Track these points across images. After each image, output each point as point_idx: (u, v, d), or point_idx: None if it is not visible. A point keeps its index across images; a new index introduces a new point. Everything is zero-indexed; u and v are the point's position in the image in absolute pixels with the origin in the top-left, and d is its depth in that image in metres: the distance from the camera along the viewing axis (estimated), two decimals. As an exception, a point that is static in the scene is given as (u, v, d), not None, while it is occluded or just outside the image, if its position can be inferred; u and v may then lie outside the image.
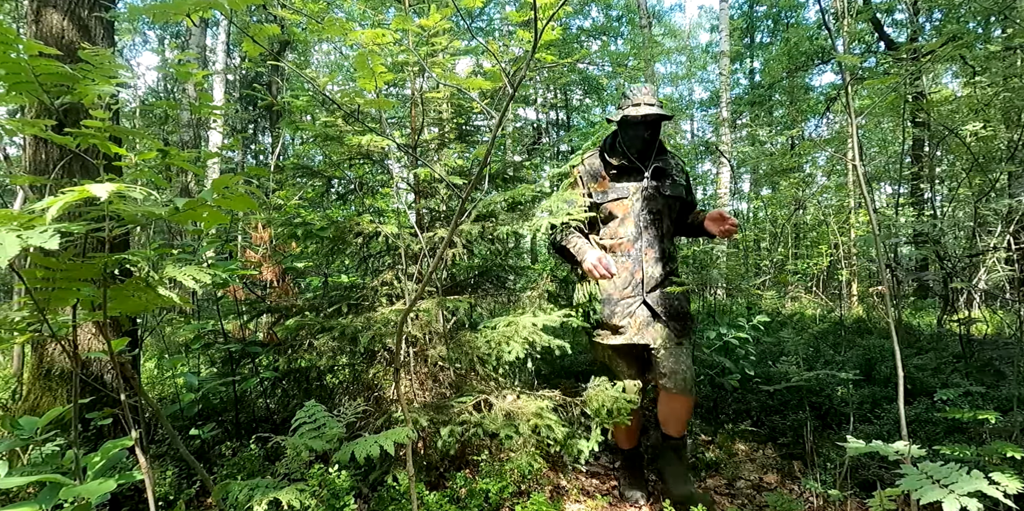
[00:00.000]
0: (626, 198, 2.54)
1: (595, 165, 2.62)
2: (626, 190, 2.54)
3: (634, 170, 2.57)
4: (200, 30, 9.29)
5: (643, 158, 2.58)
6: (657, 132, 2.55)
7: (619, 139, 2.59)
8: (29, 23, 2.88)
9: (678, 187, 2.62)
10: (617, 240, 2.54)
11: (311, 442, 1.96)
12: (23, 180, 1.89)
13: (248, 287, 3.63)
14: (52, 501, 1.52)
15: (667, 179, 2.60)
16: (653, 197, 2.55)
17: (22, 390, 3.22)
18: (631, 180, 2.57)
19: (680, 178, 2.67)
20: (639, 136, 2.53)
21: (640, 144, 2.54)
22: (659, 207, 2.56)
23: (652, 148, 2.58)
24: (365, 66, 1.97)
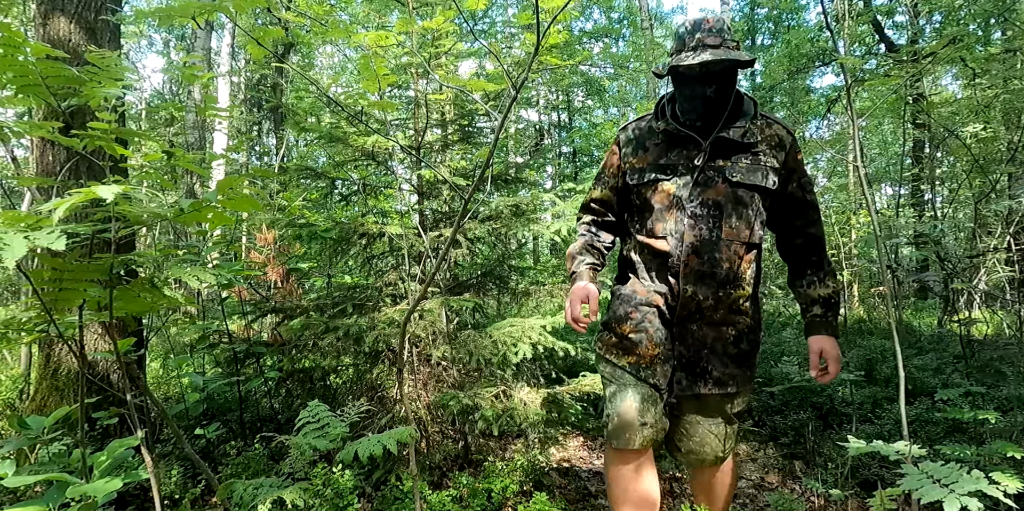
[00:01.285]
0: (667, 180, 1.73)
1: (643, 130, 1.83)
2: (671, 170, 1.73)
3: (688, 141, 1.73)
4: (205, 33, 9.33)
5: (708, 125, 1.71)
6: (728, 86, 1.66)
7: (677, 96, 1.76)
8: (36, 26, 2.91)
9: (758, 171, 1.69)
10: (654, 240, 1.75)
11: (315, 441, 1.97)
12: (30, 181, 1.91)
13: (253, 288, 3.66)
14: (59, 500, 1.54)
15: (741, 157, 1.69)
16: (709, 182, 1.69)
17: (29, 390, 3.25)
18: (681, 156, 1.73)
19: (770, 157, 1.71)
20: (698, 95, 1.66)
21: (700, 106, 1.67)
22: (718, 198, 1.68)
23: (720, 110, 1.69)
24: (368, 69, 1.98)
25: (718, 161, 1.69)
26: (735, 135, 1.67)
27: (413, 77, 3.11)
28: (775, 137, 1.71)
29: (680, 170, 1.71)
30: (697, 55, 1.55)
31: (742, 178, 1.67)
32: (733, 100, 1.70)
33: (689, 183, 1.69)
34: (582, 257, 1.89)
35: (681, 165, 1.71)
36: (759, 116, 1.73)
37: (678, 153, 1.72)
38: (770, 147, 1.69)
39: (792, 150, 1.73)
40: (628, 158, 1.82)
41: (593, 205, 1.96)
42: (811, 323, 1.76)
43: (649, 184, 1.75)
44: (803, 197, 1.77)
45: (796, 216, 1.79)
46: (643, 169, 1.77)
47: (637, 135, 1.82)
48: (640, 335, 1.73)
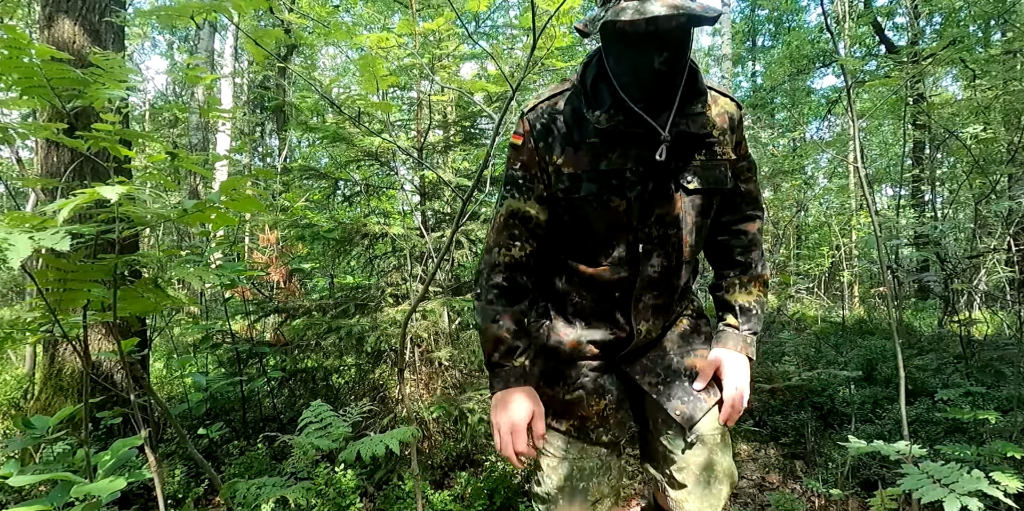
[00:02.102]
0: (613, 195, 1.21)
1: (566, 116, 1.24)
2: (617, 179, 1.21)
3: (633, 135, 1.19)
4: (208, 34, 9.37)
5: (655, 107, 1.18)
6: (683, 54, 1.15)
7: (607, 70, 1.19)
8: (41, 28, 2.93)
9: (716, 168, 1.26)
10: (594, 269, 1.29)
11: (318, 441, 1.98)
12: (35, 182, 1.93)
13: (256, 288, 3.67)
14: (63, 499, 1.55)
15: (699, 153, 1.25)
16: (665, 193, 1.22)
17: (34, 390, 3.27)
18: (628, 158, 1.20)
19: (725, 146, 1.28)
20: (644, 65, 1.13)
21: (648, 80, 1.14)
22: (676, 213, 1.24)
23: (672, 87, 1.17)
24: (368, 70, 1.99)
25: (673, 163, 1.21)
26: (695, 127, 1.17)
27: (415, 78, 3.12)
28: (725, 115, 1.26)
29: (629, 179, 1.19)
30: (643, 5, 1.00)
31: (701, 183, 1.23)
32: (687, 72, 1.17)
33: (642, 196, 1.20)
34: (513, 341, 1.27)
35: (630, 172, 1.19)
36: (708, 91, 1.24)
37: (622, 154, 1.19)
38: (721, 132, 1.26)
39: (740, 128, 1.30)
40: (549, 156, 1.23)
41: (512, 234, 1.29)
42: (718, 334, 1.36)
43: (588, 200, 1.21)
44: (738, 187, 1.34)
45: (727, 210, 1.37)
46: (576, 176, 1.21)
47: (556, 123, 1.23)
48: (578, 393, 1.32)
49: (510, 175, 1.30)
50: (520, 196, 1.28)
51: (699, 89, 1.20)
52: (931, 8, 6.81)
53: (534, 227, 1.29)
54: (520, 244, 1.30)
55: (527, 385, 1.27)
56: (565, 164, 1.23)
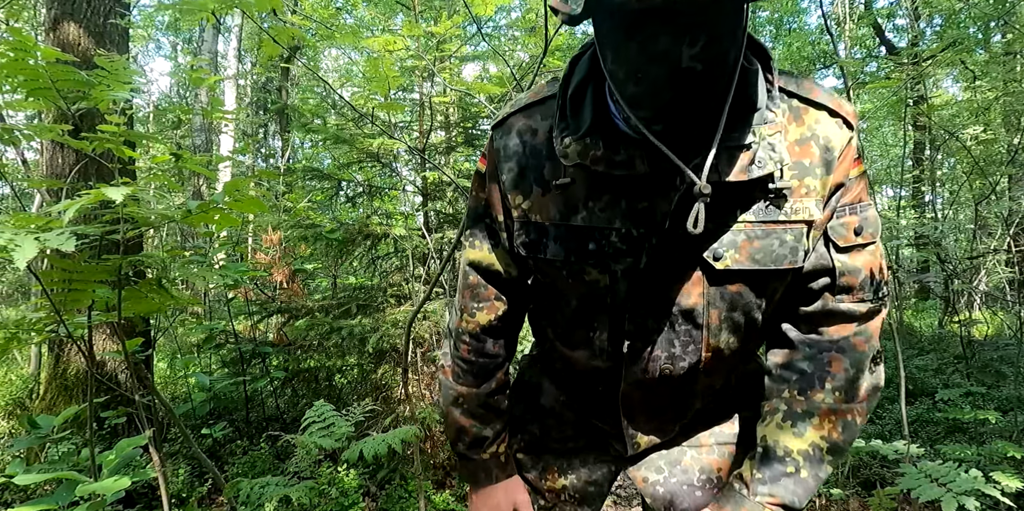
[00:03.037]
0: (584, 264, 0.82)
1: (536, 138, 0.84)
2: (598, 241, 0.80)
3: (636, 183, 0.76)
4: (212, 36, 9.40)
5: (680, 135, 0.68)
6: (727, 42, 0.63)
7: (606, 70, 0.69)
8: (46, 31, 2.95)
9: (775, 239, 0.76)
10: (570, 350, 0.94)
11: (321, 440, 1.99)
12: (40, 183, 1.94)
13: (259, 288, 3.69)
14: (68, 498, 1.56)
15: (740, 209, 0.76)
16: (676, 270, 0.80)
17: (39, 390, 3.28)
18: (616, 210, 0.79)
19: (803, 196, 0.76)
20: (663, 61, 0.62)
21: (669, 89, 0.64)
22: (692, 303, 0.81)
23: (707, 98, 0.67)
24: (378, 71, 2.01)
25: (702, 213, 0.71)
26: (735, 168, 0.71)
27: (418, 80, 3.14)
28: (811, 143, 0.76)
29: (615, 245, 0.79)
30: None
31: (741, 262, 0.77)
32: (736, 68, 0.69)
33: (633, 272, 0.80)
34: (481, 430, 1.00)
35: (617, 234, 0.79)
36: (779, 95, 0.75)
37: (609, 205, 0.79)
38: (800, 172, 0.76)
39: (845, 162, 0.78)
40: (513, 196, 0.86)
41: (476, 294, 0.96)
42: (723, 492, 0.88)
43: (555, 266, 0.84)
44: (829, 262, 0.80)
45: (797, 298, 0.84)
46: (542, 229, 0.84)
47: (527, 147, 0.85)
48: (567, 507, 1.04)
49: (472, 212, 0.96)
50: (483, 244, 0.94)
51: (751, 96, 0.72)
52: (931, 10, 6.82)
53: (505, 283, 0.95)
54: (487, 306, 0.96)
55: (505, 478, 1.02)
56: (532, 209, 0.84)
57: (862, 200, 0.80)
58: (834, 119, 0.77)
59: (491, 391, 0.99)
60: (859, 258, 0.80)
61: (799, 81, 0.79)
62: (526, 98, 0.88)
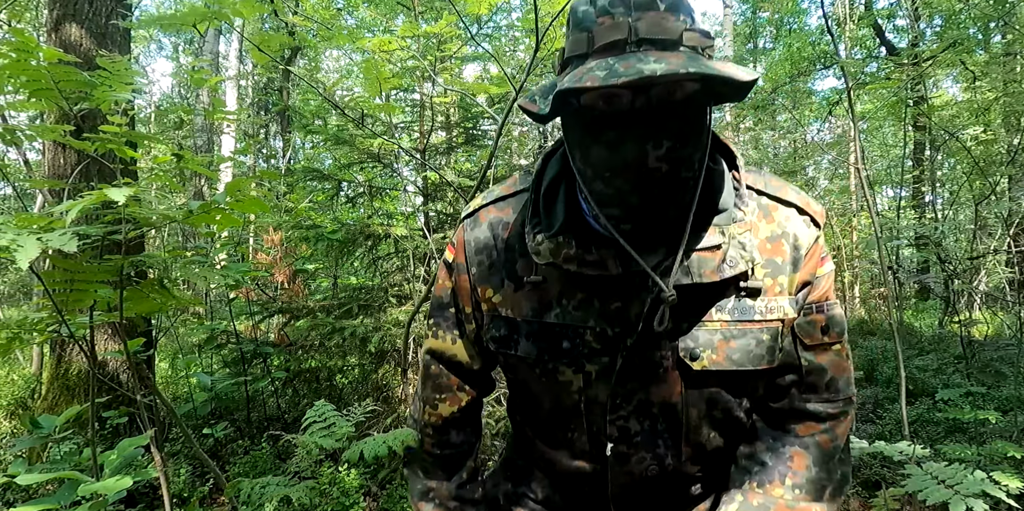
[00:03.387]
0: (563, 364, 0.79)
1: (508, 232, 0.84)
2: (572, 340, 0.77)
3: (608, 284, 0.75)
4: (213, 37, 9.42)
5: (648, 234, 0.72)
6: (694, 142, 0.67)
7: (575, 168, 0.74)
8: (48, 31, 2.96)
9: (751, 339, 0.75)
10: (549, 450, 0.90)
11: (322, 440, 2.00)
12: (42, 184, 1.95)
13: (260, 288, 3.69)
14: (70, 498, 1.56)
15: (715, 309, 0.75)
16: (651, 371, 0.76)
17: (41, 389, 3.30)
18: (590, 310, 0.77)
19: (775, 296, 0.76)
20: (630, 163, 0.65)
21: (637, 190, 0.68)
22: (671, 400, 0.78)
23: (676, 199, 0.70)
24: (372, 72, 2.01)
25: (681, 320, 0.75)
26: (705, 268, 0.72)
27: (418, 80, 3.14)
28: (782, 241, 0.77)
29: (589, 344, 0.77)
30: (623, 62, 0.59)
31: (719, 362, 0.75)
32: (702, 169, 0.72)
33: (609, 372, 0.77)
34: None
35: (592, 333, 0.76)
36: (746, 194, 0.77)
37: (583, 303, 0.77)
38: (773, 270, 0.76)
39: (813, 259, 0.79)
40: (483, 289, 0.84)
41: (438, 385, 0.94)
42: None
43: (528, 364, 0.82)
44: (795, 361, 0.81)
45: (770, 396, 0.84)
46: (513, 324, 0.81)
47: (499, 241, 0.84)
48: None
49: (436, 301, 0.93)
50: (447, 334, 0.91)
51: (715, 204, 0.74)
52: (931, 10, 6.82)
53: (468, 373, 0.93)
54: (450, 397, 0.93)
55: None
56: (503, 304, 0.82)
57: (828, 298, 0.82)
58: (802, 216, 0.79)
59: (462, 482, 0.96)
60: (825, 357, 0.81)
61: (767, 178, 0.81)
62: (499, 190, 0.88)
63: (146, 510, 2.40)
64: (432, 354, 0.94)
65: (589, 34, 0.64)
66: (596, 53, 0.64)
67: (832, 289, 0.83)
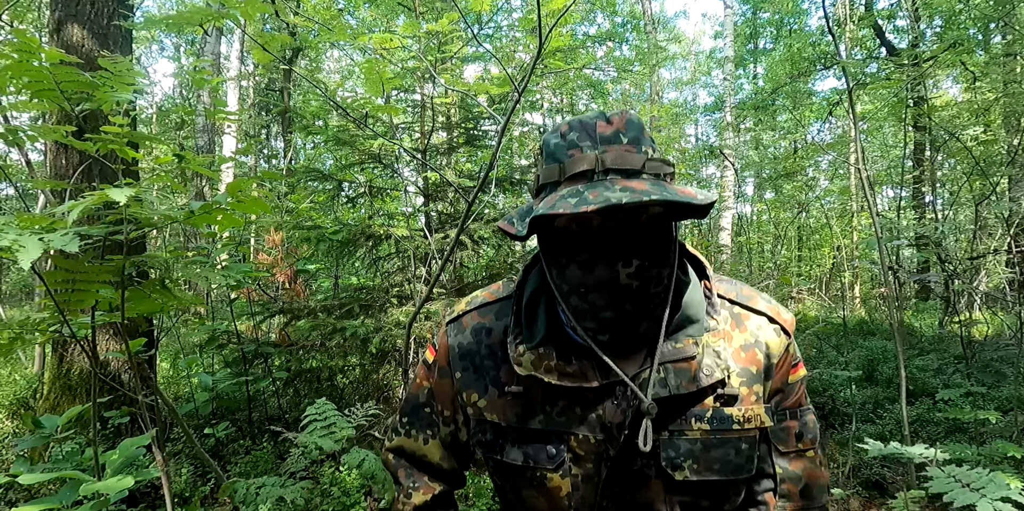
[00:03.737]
0: (548, 469, 0.80)
1: (490, 339, 0.87)
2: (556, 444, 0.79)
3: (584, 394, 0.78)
4: (215, 38, 9.43)
5: (624, 343, 0.76)
6: (660, 261, 0.73)
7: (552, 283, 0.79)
8: (50, 32, 2.96)
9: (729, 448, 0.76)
10: None
11: (321, 441, 2.00)
12: (44, 184, 1.95)
13: (261, 289, 3.70)
14: (72, 497, 1.56)
15: (694, 417, 0.76)
16: (634, 477, 0.78)
17: (43, 389, 3.30)
18: (573, 416, 0.79)
19: (752, 404, 0.78)
20: (603, 280, 0.71)
21: (608, 306, 0.73)
22: (655, 505, 0.79)
23: (646, 310, 0.75)
24: (373, 72, 2.02)
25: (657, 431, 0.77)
26: (682, 379, 0.74)
27: (419, 81, 3.15)
28: (755, 349, 0.80)
29: (574, 450, 0.79)
30: (592, 190, 0.66)
31: (701, 471, 0.76)
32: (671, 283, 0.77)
33: (594, 478, 0.78)
34: None
35: (576, 439, 0.78)
36: (718, 303, 0.82)
37: (567, 410, 0.79)
38: (747, 379, 0.79)
39: (784, 367, 0.83)
40: (467, 394, 0.86)
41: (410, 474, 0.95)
42: None
43: (512, 469, 0.83)
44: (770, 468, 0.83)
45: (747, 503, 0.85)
46: (500, 430, 0.83)
47: (483, 347, 0.87)
48: None
49: (411, 400, 0.95)
50: (419, 434, 0.92)
51: (687, 304, 0.78)
52: (931, 11, 6.82)
53: (439, 472, 0.94)
54: (423, 486, 0.93)
55: None
56: (488, 409, 0.83)
57: (802, 404, 0.84)
58: (772, 325, 0.82)
59: None
60: (799, 464, 0.83)
61: (738, 287, 0.85)
62: (482, 297, 0.91)
63: (148, 510, 2.40)
64: (400, 453, 0.95)
65: (561, 165, 0.71)
66: (567, 181, 0.70)
67: (805, 396, 0.86)
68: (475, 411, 0.85)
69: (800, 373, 0.84)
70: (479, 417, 0.85)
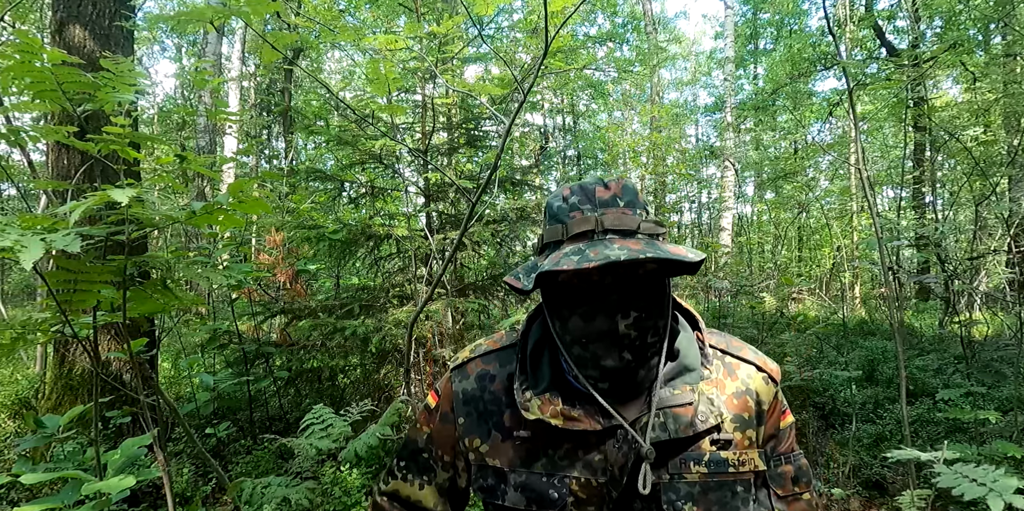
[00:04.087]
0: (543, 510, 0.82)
1: (494, 386, 0.90)
2: (557, 489, 0.81)
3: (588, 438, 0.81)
4: (216, 39, 9.44)
5: (623, 390, 0.82)
6: (656, 313, 0.80)
7: (555, 333, 0.84)
8: (52, 33, 2.97)
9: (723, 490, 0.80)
10: None
11: (318, 442, 2.01)
12: (46, 185, 1.96)
13: (262, 289, 3.70)
14: (74, 497, 1.57)
15: (692, 460, 0.80)
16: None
17: (45, 389, 3.31)
18: (575, 460, 0.82)
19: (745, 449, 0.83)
20: (603, 331, 0.77)
21: (608, 354, 0.78)
22: None
23: (644, 358, 0.80)
24: (378, 72, 2.02)
25: (654, 476, 0.79)
26: (679, 424, 0.78)
27: (420, 81, 3.15)
28: (746, 397, 0.85)
29: (576, 494, 0.81)
30: (592, 248, 0.73)
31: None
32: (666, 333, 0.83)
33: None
34: None
35: (578, 483, 0.80)
36: (711, 353, 0.88)
37: (569, 454, 0.82)
38: (740, 425, 0.83)
39: (775, 412, 0.88)
40: (470, 439, 0.88)
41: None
42: None
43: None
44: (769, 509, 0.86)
45: None
46: (501, 474, 0.85)
47: (487, 394, 0.90)
48: None
49: (410, 444, 0.96)
50: (414, 479, 0.94)
51: (680, 352, 0.84)
52: (932, 11, 6.82)
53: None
54: None
55: None
56: (490, 454, 0.86)
57: (794, 450, 0.90)
58: (761, 374, 0.88)
59: None
60: (796, 507, 0.88)
61: (728, 339, 0.91)
62: (486, 345, 0.95)
63: (149, 509, 2.41)
64: (395, 497, 0.96)
65: (564, 226, 0.79)
66: (569, 240, 0.77)
67: (795, 441, 0.91)
68: (477, 456, 0.87)
69: (789, 419, 0.90)
70: (480, 462, 0.87)
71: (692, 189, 16.29)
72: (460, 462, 0.92)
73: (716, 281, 5.09)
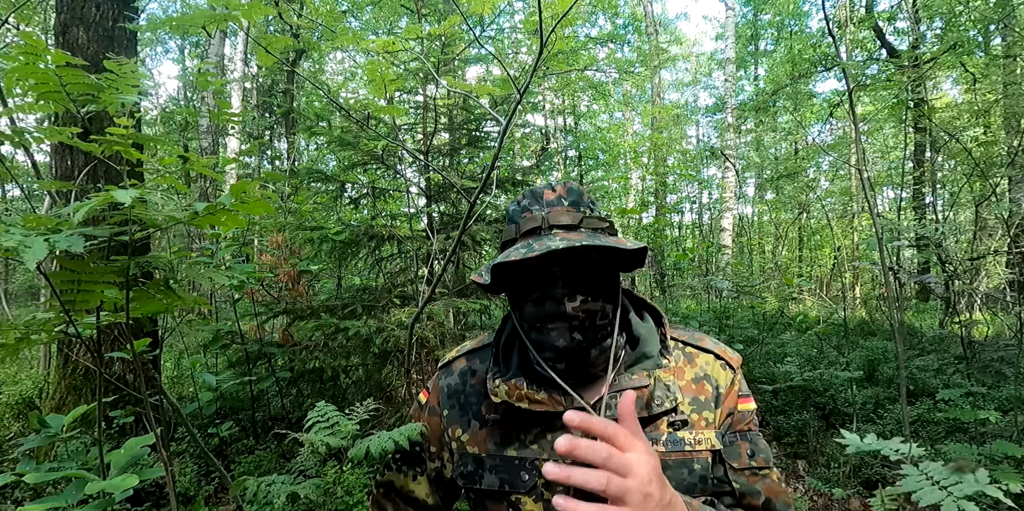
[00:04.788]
0: (519, 493, 0.89)
1: (474, 380, 1.01)
2: (527, 471, 0.89)
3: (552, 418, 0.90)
4: (219, 40, 9.46)
5: (581, 373, 0.90)
6: (603, 297, 0.88)
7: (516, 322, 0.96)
8: (56, 35, 2.99)
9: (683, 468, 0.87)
10: None
11: (327, 438, 2.01)
12: (50, 185, 1.97)
13: (264, 289, 3.71)
14: (77, 496, 1.57)
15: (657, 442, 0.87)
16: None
17: (48, 389, 3.32)
18: (543, 438, 0.90)
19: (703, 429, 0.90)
20: (553, 313, 0.86)
21: (563, 335, 0.86)
22: None
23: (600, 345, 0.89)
24: (376, 74, 2.03)
25: None
26: (636, 407, 0.79)
27: (421, 82, 3.16)
28: (704, 382, 0.92)
29: (539, 468, 0.87)
30: (538, 241, 0.82)
31: None
32: (620, 320, 0.92)
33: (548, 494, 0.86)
34: None
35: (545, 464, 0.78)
36: (672, 345, 0.94)
37: (539, 437, 0.89)
38: (698, 407, 0.90)
39: (731, 396, 0.93)
40: (453, 430, 0.97)
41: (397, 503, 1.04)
42: None
43: (492, 495, 0.91)
44: (728, 486, 0.89)
45: None
46: (479, 460, 0.92)
47: (467, 388, 0.99)
48: None
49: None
50: (408, 470, 1.02)
51: (643, 351, 0.90)
52: (931, 12, 6.81)
53: (423, 507, 1.02)
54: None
55: None
56: (470, 442, 0.93)
57: (751, 429, 0.94)
58: (719, 361, 0.94)
59: None
60: (758, 482, 0.89)
61: (691, 332, 0.98)
62: (469, 345, 1.05)
63: (152, 509, 2.42)
64: (390, 487, 1.05)
65: (516, 225, 0.89)
66: (521, 237, 0.87)
67: (755, 424, 0.95)
68: (459, 446, 0.96)
69: (750, 406, 0.94)
70: (462, 450, 0.95)
71: (693, 190, 16.29)
72: (445, 453, 1.00)
73: (717, 281, 5.10)
